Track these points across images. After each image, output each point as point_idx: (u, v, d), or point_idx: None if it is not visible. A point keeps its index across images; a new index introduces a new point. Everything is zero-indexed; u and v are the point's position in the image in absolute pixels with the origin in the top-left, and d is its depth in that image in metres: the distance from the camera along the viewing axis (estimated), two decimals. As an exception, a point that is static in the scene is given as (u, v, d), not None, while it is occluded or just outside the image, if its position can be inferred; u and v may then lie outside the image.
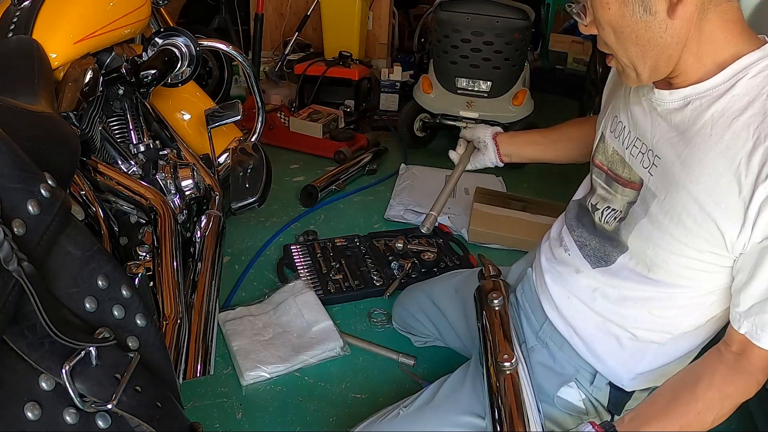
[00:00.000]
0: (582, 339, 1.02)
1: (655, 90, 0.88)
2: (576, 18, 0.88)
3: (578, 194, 1.14)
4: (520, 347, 1.09)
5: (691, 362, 0.92)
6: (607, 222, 0.98)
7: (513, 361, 1.02)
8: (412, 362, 1.60)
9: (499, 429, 0.97)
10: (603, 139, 1.04)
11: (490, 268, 1.27)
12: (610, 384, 1.02)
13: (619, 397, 1.02)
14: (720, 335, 0.90)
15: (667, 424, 0.82)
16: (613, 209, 0.97)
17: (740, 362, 0.82)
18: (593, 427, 0.86)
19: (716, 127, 0.79)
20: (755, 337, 0.80)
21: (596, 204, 1.03)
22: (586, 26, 0.86)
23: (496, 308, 1.15)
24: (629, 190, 0.94)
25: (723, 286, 0.87)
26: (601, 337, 1.00)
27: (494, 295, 1.17)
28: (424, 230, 1.28)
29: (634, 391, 1.02)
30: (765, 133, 0.74)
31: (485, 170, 1.36)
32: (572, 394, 1.04)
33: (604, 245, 0.99)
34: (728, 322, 0.86)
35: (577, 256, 1.04)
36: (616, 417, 1.03)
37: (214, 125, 1.86)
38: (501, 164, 1.34)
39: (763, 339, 0.79)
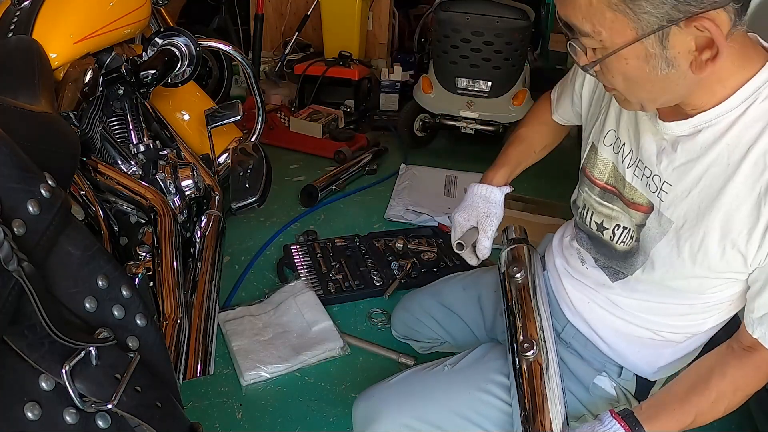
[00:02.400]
0: (604, 340, 1.05)
1: (660, 121, 0.86)
2: (571, 54, 0.81)
3: (574, 206, 1.11)
4: (549, 325, 1.07)
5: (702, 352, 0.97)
6: (622, 242, 0.97)
7: (534, 348, 1.01)
8: (412, 362, 1.60)
9: (522, 410, 0.98)
10: (595, 150, 1.01)
11: (515, 230, 1.19)
12: (636, 375, 1.05)
13: (645, 386, 1.06)
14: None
15: (683, 412, 0.86)
16: (625, 228, 0.96)
17: (751, 357, 0.86)
18: (612, 415, 0.89)
19: (732, 156, 0.79)
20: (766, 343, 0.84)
21: (602, 222, 1.00)
22: (581, 60, 0.80)
23: (519, 282, 1.10)
24: (635, 212, 0.93)
25: (741, 292, 0.90)
26: (622, 339, 1.03)
27: (515, 268, 1.11)
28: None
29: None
30: None
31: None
32: (605, 382, 1.07)
33: (616, 262, 0.99)
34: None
35: (594, 269, 1.04)
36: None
37: (214, 125, 1.86)
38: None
39: None
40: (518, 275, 1.11)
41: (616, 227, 0.96)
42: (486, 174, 1.23)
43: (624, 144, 0.94)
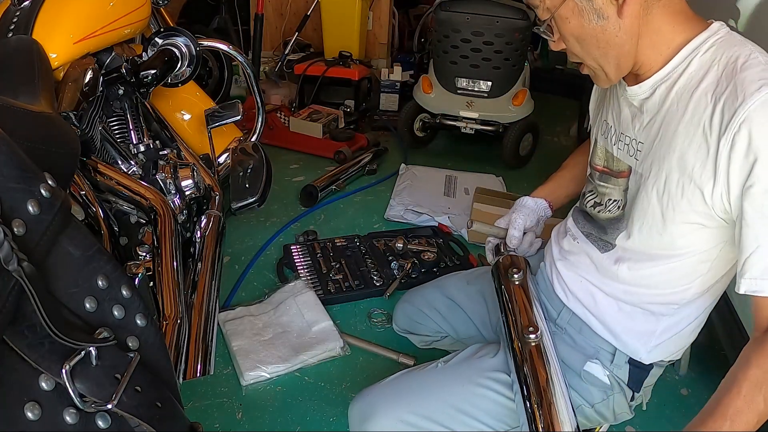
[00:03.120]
0: (597, 318, 1.08)
1: (627, 88, 0.98)
2: (545, 37, 0.98)
3: (582, 195, 1.20)
4: (545, 320, 1.11)
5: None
6: (609, 210, 1.06)
7: (538, 333, 1.05)
8: (412, 362, 1.60)
9: (528, 401, 1.00)
10: (596, 144, 1.12)
11: (507, 245, 1.26)
12: (630, 362, 1.07)
13: (638, 374, 1.08)
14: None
15: (715, 419, 0.79)
16: (615, 200, 1.05)
17: None
18: None
19: (681, 101, 0.90)
20: (758, 290, 0.82)
21: (600, 201, 1.09)
22: (555, 42, 0.98)
23: (516, 283, 1.15)
24: (621, 179, 1.03)
25: (715, 248, 0.93)
26: (614, 314, 1.06)
27: (514, 270, 1.17)
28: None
29: (651, 368, 1.08)
30: (719, 96, 0.84)
31: (485, 170, 1.35)
32: (597, 370, 1.08)
33: (605, 231, 1.07)
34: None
35: (585, 243, 1.11)
36: (637, 394, 1.10)
37: (214, 125, 1.86)
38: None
39: (766, 287, 0.82)
40: (516, 276, 1.16)
41: (608, 201, 1.06)
42: None
43: (610, 126, 1.06)
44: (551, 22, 0.94)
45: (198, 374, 1.29)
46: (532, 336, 1.04)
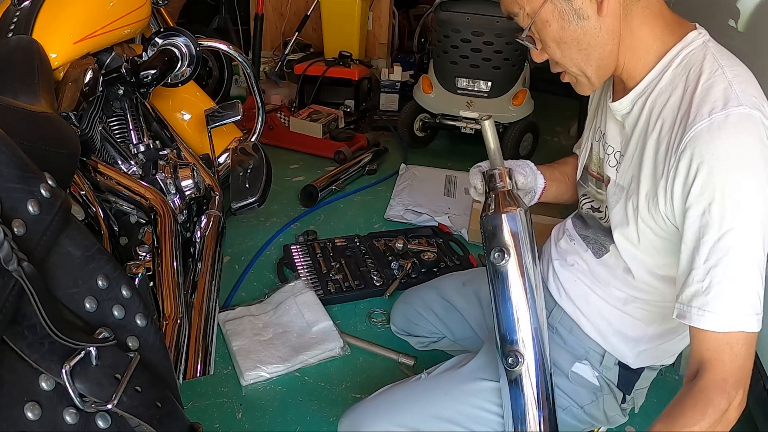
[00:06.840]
0: (588, 319, 1.08)
1: (610, 104, 0.99)
2: (529, 46, 0.97)
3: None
4: (535, 317, 1.08)
5: None
6: (606, 215, 1.05)
7: (520, 362, 1.01)
8: (412, 362, 1.60)
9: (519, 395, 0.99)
10: (592, 149, 1.12)
11: (501, 176, 1.02)
12: (619, 364, 1.07)
13: (628, 376, 1.07)
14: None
15: None
16: (608, 206, 1.05)
17: (695, 386, 0.80)
18: None
19: (651, 117, 0.91)
20: (683, 317, 0.82)
21: (598, 207, 1.09)
22: (537, 52, 0.97)
23: (505, 271, 1.07)
24: (606, 186, 1.05)
25: None
26: (605, 317, 1.06)
27: (498, 254, 1.00)
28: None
29: (642, 370, 1.08)
30: (680, 114, 0.85)
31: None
32: (586, 371, 1.08)
33: (598, 236, 1.08)
34: None
35: (581, 246, 1.11)
36: (628, 396, 1.09)
37: (214, 125, 1.86)
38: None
39: (694, 316, 0.81)
40: (503, 261, 0.94)
41: (606, 207, 1.05)
42: None
43: (604, 134, 1.06)
44: (532, 29, 0.93)
45: (198, 374, 1.29)
46: (516, 367, 0.95)
